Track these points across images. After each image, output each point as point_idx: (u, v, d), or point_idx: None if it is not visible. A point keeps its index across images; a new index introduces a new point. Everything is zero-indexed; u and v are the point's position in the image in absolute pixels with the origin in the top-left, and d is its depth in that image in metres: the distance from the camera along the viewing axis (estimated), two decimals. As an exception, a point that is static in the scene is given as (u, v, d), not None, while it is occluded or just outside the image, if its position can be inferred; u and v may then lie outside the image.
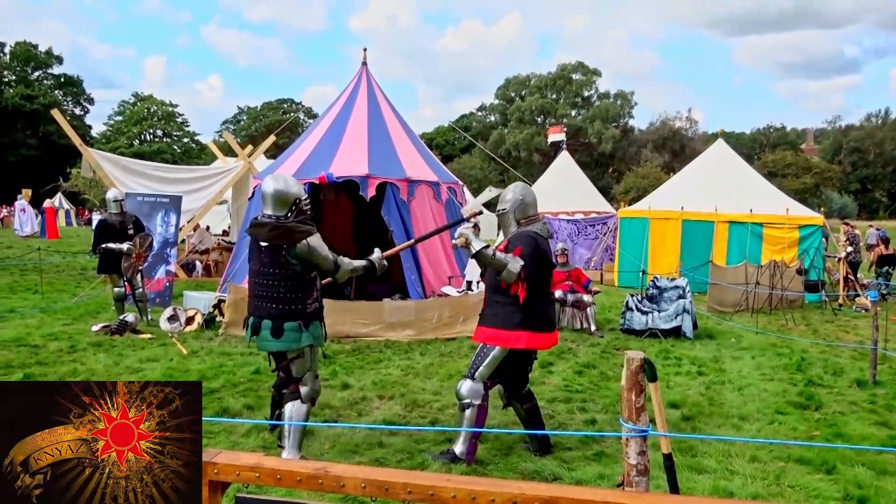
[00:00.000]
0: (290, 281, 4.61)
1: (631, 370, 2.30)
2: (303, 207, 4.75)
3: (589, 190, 21.97)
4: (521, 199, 4.94)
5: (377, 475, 2.11)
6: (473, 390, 4.79)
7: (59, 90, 67.89)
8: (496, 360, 4.80)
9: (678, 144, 60.80)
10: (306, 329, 4.63)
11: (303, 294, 4.64)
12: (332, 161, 10.79)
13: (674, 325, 9.46)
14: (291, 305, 4.61)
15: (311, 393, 4.83)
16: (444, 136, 67.71)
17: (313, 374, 4.84)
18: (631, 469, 2.32)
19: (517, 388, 5.06)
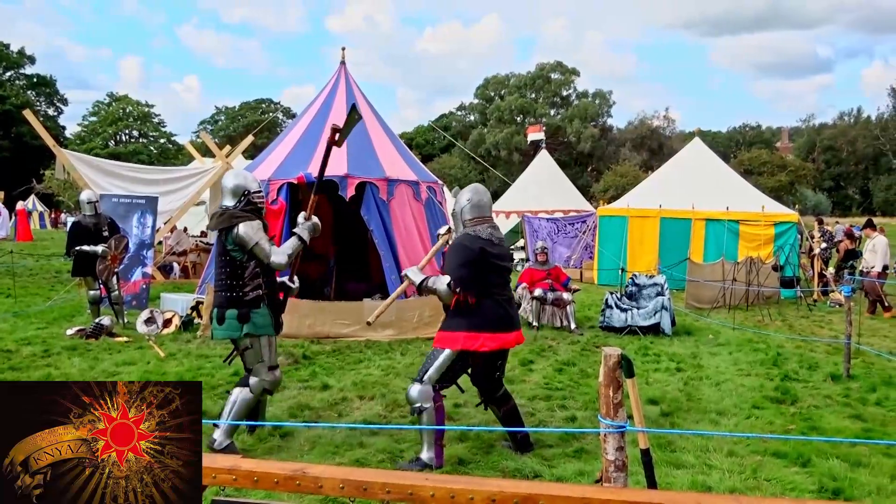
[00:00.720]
0: (229, 268, 4.79)
1: (608, 366, 2.32)
2: (252, 199, 4.93)
3: (568, 189, 22.10)
4: (469, 201, 4.93)
5: (355, 475, 2.10)
6: (423, 393, 4.72)
7: (32, 90, 66.81)
8: (445, 362, 4.75)
9: (656, 143, 61.32)
10: (247, 318, 4.72)
11: (242, 282, 4.76)
12: (310, 161, 10.72)
13: (652, 322, 9.54)
14: (231, 293, 4.77)
15: (264, 384, 4.86)
16: (424, 136, 67.67)
17: (266, 366, 4.85)
18: (609, 465, 2.33)
19: (492, 390, 5.05)
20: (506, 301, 4.94)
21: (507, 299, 4.97)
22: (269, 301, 4.86)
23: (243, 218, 4.75)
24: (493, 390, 5.07)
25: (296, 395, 6.27)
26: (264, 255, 4.75)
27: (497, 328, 4.76)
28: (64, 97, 68.68)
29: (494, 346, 4.78)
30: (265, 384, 4.89)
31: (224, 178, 5.07)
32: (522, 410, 5.95)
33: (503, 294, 4.93)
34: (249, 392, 4.80)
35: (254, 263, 4.78)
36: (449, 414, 5.82)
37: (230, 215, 4.79)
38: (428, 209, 11.55)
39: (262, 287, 4.80)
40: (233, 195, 4.90)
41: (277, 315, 4.99)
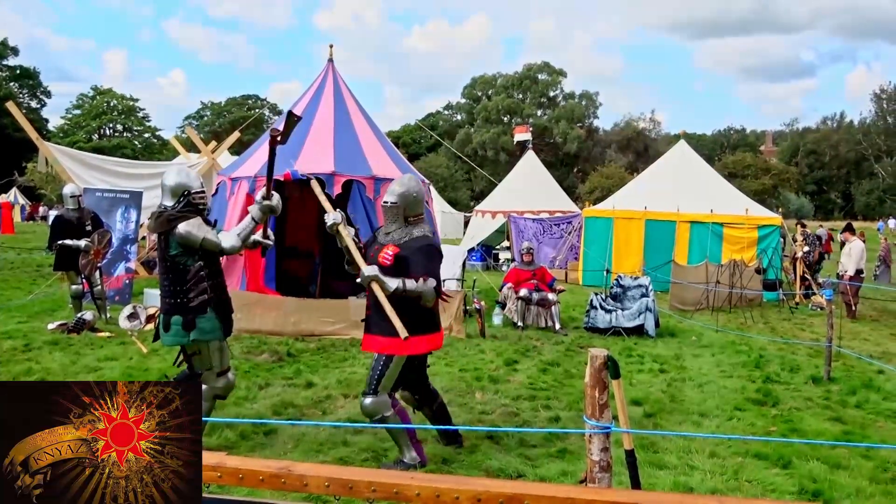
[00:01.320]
0: (171, 273, 4.58)
1: (594, 367, 2.33)
2: (192, 200, 4.67)
3: (554, 189, 22.16)
4: (413, 194, 4.69)
5: (341, 474, 2.09)
6: (380, 403, 4.57)
7: (14, 82, 65.99)
8: (397, 368, 4.62)
9: (642, 145, 61.74)
10: (193, 325, 4.54)
11: (186, 287, 4.56)
12: (297, 158, 10.68)
13: (637, 323, 9.59)
14: (176, 299, 4.57)
15: (215, 391, 4.74)
16: (411, 135, 67.62)
17: (215, 373, 4.72)
18: (594, 465, 2.34)
19: (422, 390, 5.03)
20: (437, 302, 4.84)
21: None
22: (216, 304, 4.66)
23: (181, 218, 4.54)
24: (421, 387, 5.03)
25: (280, 393, 6.25)
26: (215, 245, 4.60)
27: (438, 328, 4.79)
28: (47, 89, 67.98)
29: (428, 347, 4.74)
30: (217, 391, 4.76)
31: (165, 176, 4.81)
32: (506, 410, 5.99)
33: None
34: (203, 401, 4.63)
35: (198, 267, 4.58)
36: (433, 413, 5.83)
37: (167, 217, 4.57)
38: (414, 208, 11.56)
39: (208, 291, 4.61)
40: (172, 195, 4.67)
41: (226, 317, 4.78)
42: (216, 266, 4.77)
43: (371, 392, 4.60)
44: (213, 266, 4.71)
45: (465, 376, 7.07)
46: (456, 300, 9.27)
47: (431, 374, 6.98)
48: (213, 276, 4.68)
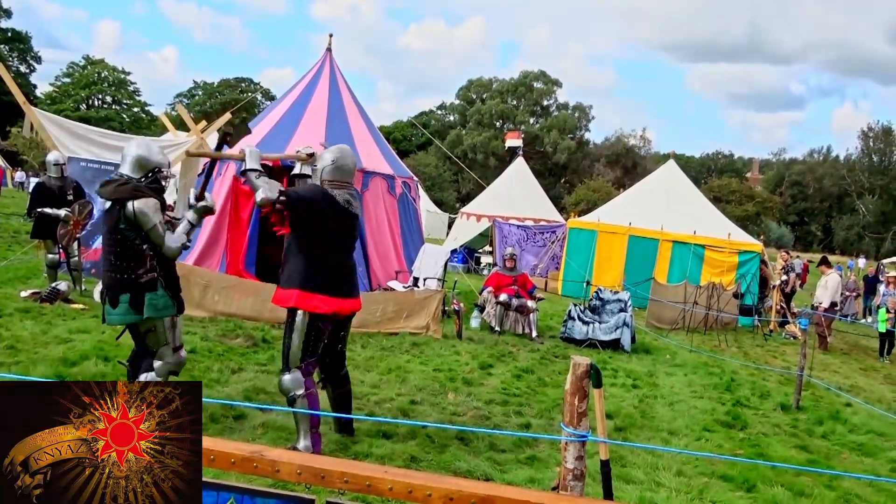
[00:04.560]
0: (120, 247, 4.44)
1: (576, 375, 2.32)
2: (160, 177, 4.61)
3: (541, 198, 22.22)
4: (333, 162, 4.75)
5: (314, 462, 2.07)
6: (294, 381, 4.62)
7: (5, 45, 64.95)
8: (302, 333, 4.63)
9: (630, 161, 62.09)
10: (142, 302, 4.44)
11: (135, 263, 4.44)
12: (287, 144, 10.62)
13: (613, 337, 9.63)
14: (123, 275, 4.44)
15: (169, 367, 4.70)
16: (402, 132, 67.50)
17: (171, 348, 4.68)
18: (567, 473, 2.33)
19: (333, 368, 5.04)
20: (348, 268, 4.87)
21: (349, 267, 4.90)
22: (166, 281, 4.56)
23: (145, 194, 4.41)
24: (335, 367, 5.04)
25: (252, 378, 6.20)
26: (159, 239, 4.45)
27: (334, 292, 4.68)
28: (38, 55, 66.96)
29: (327, 309, 4.65)
30: (171, 366, 4.71)
31: (132, 146, 4.66)
32: (478, 413, 5.99)
33: (346, 261, 4.88)
34: (156, 376, 4.58)
35: (144, 247, 4.46)
36: (404, 410, 5.82)
37: (133, 187, 4.41)
38: (401, 204, 11.54)
39: (157, 268, 4.49)
40: (140, 167, 4.51)
41: (177, 293, 4.69)
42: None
43: (285, 368, 4.66)
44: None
45: (438, 376, 7.06)
46: (435, 300, 9.26)
47: (404, 372, 7.02)
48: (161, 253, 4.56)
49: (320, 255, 4.66)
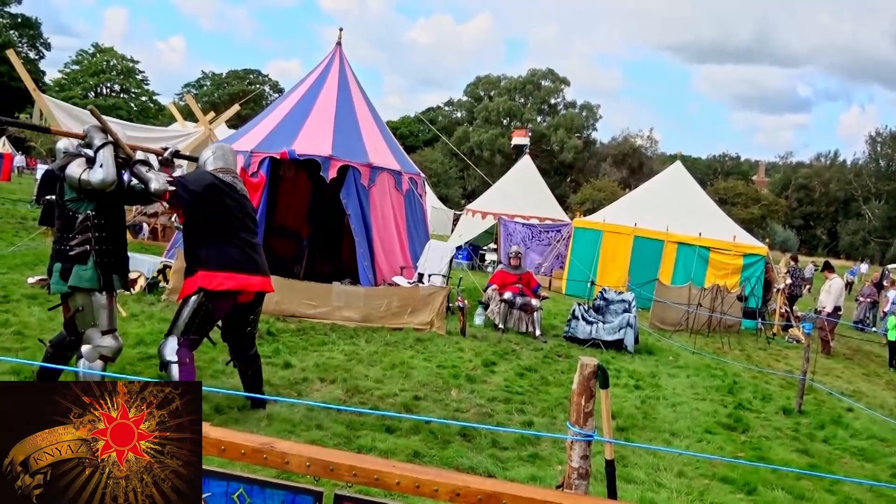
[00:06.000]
0: (62, 220, 4.67)
1: (583, 375, 2.34)
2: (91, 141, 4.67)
3: (547, 196, 22.23)
4: (213, 153, 5.18)
5: (323, 455, 2.10)
6: (168, 347, 4.76)
7: (15, 31, 65.03)
8: (192, 308, 4.79)
9: (637, 162, 62.02)
10: (69, 273, 4.56)
11: (69, 235, 4.61)
12: (295, 138, 10.65)
13: (616, 337, 9.65)
14: (60, 246, 4.65)
15: (101, 351, 4.66)
16: (409, 127, 67.52)
17: (99, 331, 4.67)
18: (573, 472, 2.36)
19: (241, 347, 5.18)
20: (250, 246, 5.02)
21: (251, 244, 5.04)
22: (99, 256, 4.61)
23: (74, 158, 4.64)
24: (244, 348, 5.18)
25: (257, 370, 6.22)
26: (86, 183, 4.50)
27: (238, 269, 4.84)
28: (47, 41, 67.17)
29: (232, 286, 4.80)
30: (102, 350, 4.67)
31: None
32: (481, 410, 6.02)
33: (248, 239, 5.02)
34: (87, 361, 4.61)
35: (85, 216, 4.58)
36: (408, 406, 5.85)
37: (71, 155, 4.70)
38: (407, 200, 11.55)
39: (92, 242, 4.59)
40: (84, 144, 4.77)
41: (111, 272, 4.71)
42: (112, 220, 4.74)
43: (168, 334, 4.82)
44: (107, 218, 4.68)
45: (442, 373, 7.09)
46: (440, 296, 9.29)
47: (408, 368, 7.04)
48: (104, 228, 4.65)
49: (221, 235, 4.85)
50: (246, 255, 4.91)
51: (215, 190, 4.84)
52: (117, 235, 4.80)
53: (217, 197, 4.84)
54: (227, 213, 4.87)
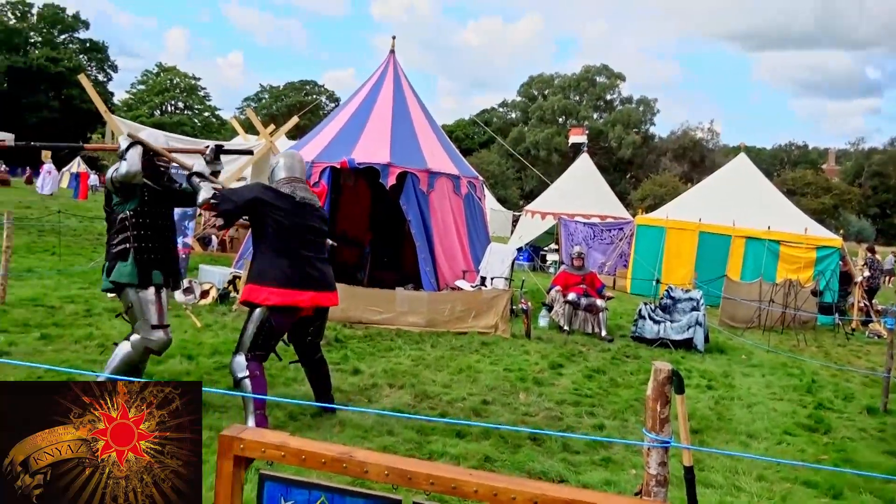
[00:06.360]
0: (108, 222, 4.99)
1: (658, 381, 2.30)
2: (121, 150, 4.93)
3: (607, 194, 21.93)
4: (277, 163, 5.25)
5: (401, 464, 2.12)
6: (237, 364, 4.81)
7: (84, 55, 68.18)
8: (256, 325, 4.82)
9: (698, 155, 60.49)
10: (111, 270, 4.84)
11: (114, 234, 4.90)
12: (354, 147, 10.81)
13: (685, 336, 9.43)
14: (108, 246, 4.97)
15: (147, 343, 4.87)
16: (464, 130, 67.65)
17: (149, 324, 4.87)
18: (651, 479, 2.32)
19: (306, 353, 5.26)
20: (305, 260, 4.94)
21: (307, 259, 4.96)
22: (138, 252, 4.82)
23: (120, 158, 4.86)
24: (308, 353, 5.26)
25: (326, 377, 6.33)
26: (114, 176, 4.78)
27: (286, 284, 4.81)
28: (114, 64, 70.30)
29: (278, 301, 4.79)
30: (148, 342, 4.87)
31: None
32: (550, 414, 5.97)
33: (304, 253, 4.95)
34: (130, 347, 4.84)
35: (125, 216, 4.84)
36: (476, 410, 5.85)
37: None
38: (467, 204, 11.58)
39: (130, 240, 4.81)
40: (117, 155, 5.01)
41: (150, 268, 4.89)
42: (153, 218, 4.93)
43: (236, 351, 4.87)
44: (146, 217, 4.89)
45: (509, 376, 7.06)
46: (503, 299, 9.26)
47: (475, 372, 7.06)
48: (143, 226, 4.87)
49: (272, 248, 4.87)
50: (297, 270, 4.87)
51: (259, 204, 4.83)
52: (160, 234, 4.99)
53: (262, 210, 4.84)
54: (277, 226, 4.85)
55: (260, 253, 4.93)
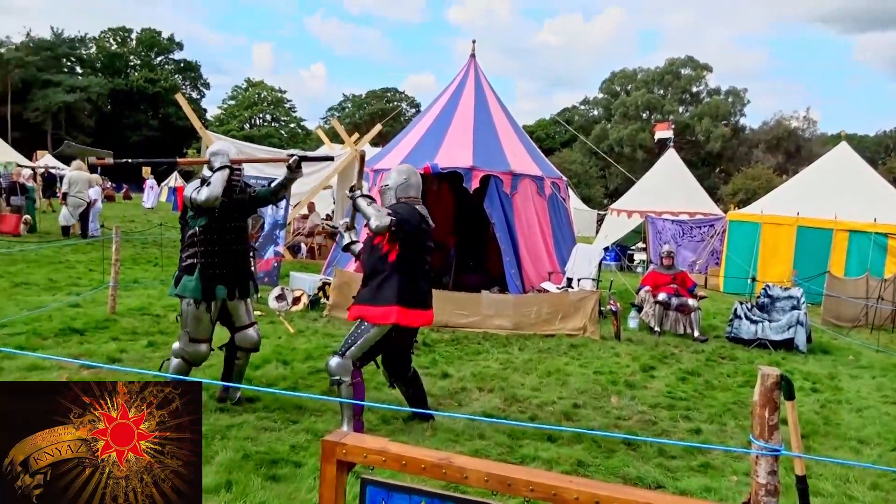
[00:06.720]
0: (182, 234, 5.19)
1: (765, 386, 2.21)
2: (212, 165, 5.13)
3: (695, 190, 21.21)
4: (405, 179, 5.10)
5: (500, 470, 2.12)
6: (342, 366, 4.80)
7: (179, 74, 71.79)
8: (370, 340, 4.81)
9: (793, 145, 57.64)
10: (178, 281, 5.07)
11: (184, 247, 5.12)
12: (437, 152, 10.89)
13: (786, 336, 9.01)
14: (179, 258, 5.19)
15: (182, 353, 5.08)
16: (545, 130, 67.07)
17: (187, 336, 5.06)
18: (760, 488, 2.23)
19: (400, 369, 5.18)
20: (426, 279, 5.04)
21: (427, 278, 5.07)
22: (205, 268, 5.00)
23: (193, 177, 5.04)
24: (401, 372, 5.20)
25: (417, 381, 6.40)
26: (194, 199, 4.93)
27: (424, 305, 4.91)
28: (206, 81, 73.60)
29: (421, 322, 4.91)
30: (182, 353, 5.09)
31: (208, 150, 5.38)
32: (643, 417, 5.83)
33: (429, 271, 5.08)
34: (172, 355, 5.14)
35: (195, 231, 5.02)
36: (567, 414, 5.79)
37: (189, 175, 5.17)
38: (551, 205, 11.47)
39: (198, 256, 5.00)
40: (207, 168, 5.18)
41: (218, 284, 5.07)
42: (220, 233, 5.06)
43: (340, 353, 4.86)
44: (214, 233, 5.04)
45: (599, 379, 6.94)
46: (591, 300, 9.12)
47: (564, 375, 6.98)
48: (211, 242, 5.03)
49: (413, 271, 4.88)
50: (423, 290, 4.97)
51: (421, 225, 4.96)
52: (228, 248, 5.14)
53: (421, 232, 4.95)
54: (416, 248, 4.93)
55: (404, 273, 4.83)
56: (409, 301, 4.82)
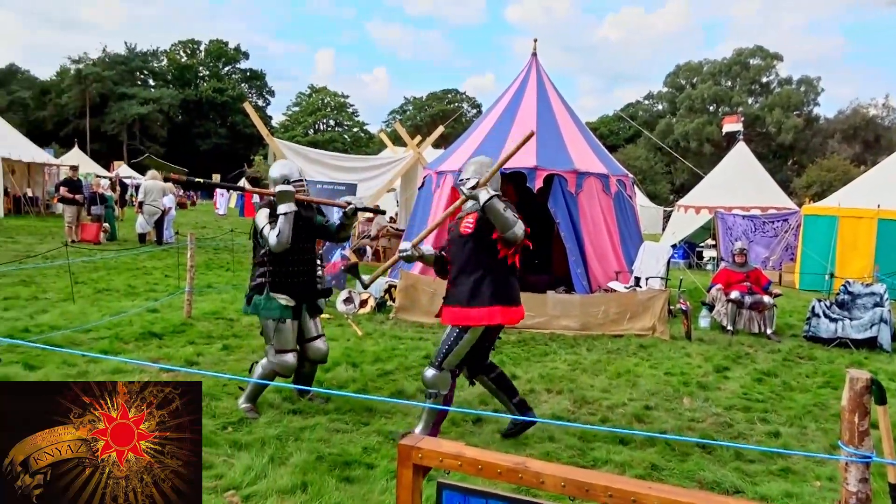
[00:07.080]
0: (253, 254, 5.29)
1: (855, 391, 2.13)
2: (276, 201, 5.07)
3: (767, 184, 20.52)
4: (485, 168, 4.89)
5: (577, 475, 2.10)
6: (441, 379, 4.69)
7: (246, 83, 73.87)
8: (466, 345, 4.68)
9: (872, 135, 55.08)
10: (249, 301, 5.22)
11: (255, 267, 5.25)
12: (499, 153, 10.87)
13: (868, 335, 8.62)
14: (251, 276, 5.30)
15: (271, 366, 5.18)
16: (608, 126, 66.06)
17: (273, 350, 5.16)
18: (850, 496, 2.14)
19: (479, 364, 5.02)
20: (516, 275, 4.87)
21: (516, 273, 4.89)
22: (275, 287, 5.13)
23: (261, 207, 5.16)
24: (479, 365, 5.04)
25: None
26: (266, 241, 5.03)
27: (518, 301, 4.80)
28: (272, 89, 75.50)
29: (519, 318, 4.79)
30: (272, 366, 5.20)
31: (272, 167, 5.46)
32: (718, 420, 5.68)
33: (515, 267, 4.85)
34: (261, 368, 5.26)
35: (262, 252, 5.15)
36: (639, 416, 5.69)
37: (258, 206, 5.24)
38: (617, 203, 11.29)
39: (267, 275, 5.13)
40: (273, 184, 5.23)
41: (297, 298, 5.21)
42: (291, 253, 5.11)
43: (436, 365, 4.73)
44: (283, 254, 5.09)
45: (670, 380, 6.80)
46: (660, 299, 8.94)
47: (634, 376, 6.88)
48: (280, 262, 5.13)
49: (506, 268, 4.78)
50: (514, 286, 4.83)
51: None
52: (296, 268, 5.24)
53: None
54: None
55: (493, 273, 4.68)
56: (508, 299, 4.73)
